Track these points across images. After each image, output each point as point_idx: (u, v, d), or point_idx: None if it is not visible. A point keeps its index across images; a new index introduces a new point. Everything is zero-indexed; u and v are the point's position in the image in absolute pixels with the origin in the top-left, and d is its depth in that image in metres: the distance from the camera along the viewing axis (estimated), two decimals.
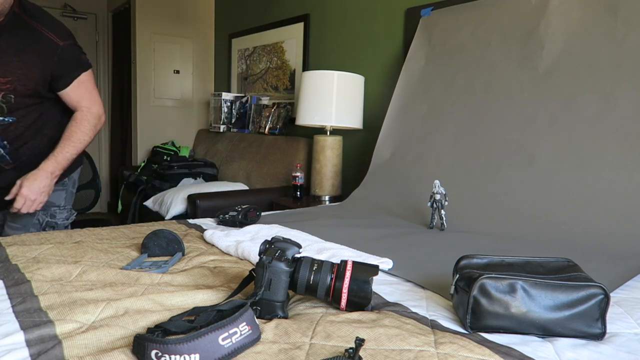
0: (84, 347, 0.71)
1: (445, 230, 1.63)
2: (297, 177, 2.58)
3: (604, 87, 1.62)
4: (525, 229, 1.57)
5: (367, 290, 0.87)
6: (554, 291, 0.81)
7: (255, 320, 0.75)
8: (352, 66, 2.77)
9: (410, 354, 0.72)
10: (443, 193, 1.64)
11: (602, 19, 1.69)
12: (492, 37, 1.99)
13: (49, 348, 0.70)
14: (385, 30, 2.59)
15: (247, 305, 0.76)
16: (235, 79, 3.95)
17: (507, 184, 1.73)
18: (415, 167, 2.05)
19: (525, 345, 0.78)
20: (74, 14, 4.58)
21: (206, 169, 3.44)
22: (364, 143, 2.70)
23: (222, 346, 0.68)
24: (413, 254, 1.32)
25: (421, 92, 2.19)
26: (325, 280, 0.86)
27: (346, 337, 0.77)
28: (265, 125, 3.35)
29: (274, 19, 3.46)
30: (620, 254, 1.30)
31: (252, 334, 0.73)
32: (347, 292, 0.86)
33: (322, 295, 0.87)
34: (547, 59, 1.79)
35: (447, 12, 2.21)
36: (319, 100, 2.45)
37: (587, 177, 1.56)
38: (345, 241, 1.37)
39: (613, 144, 1.55)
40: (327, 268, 0.87)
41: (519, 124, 1.79)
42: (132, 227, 1.53)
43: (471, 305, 0.83)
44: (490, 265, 0.91)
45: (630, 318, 0.92)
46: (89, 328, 0.77)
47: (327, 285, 0.86)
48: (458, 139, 1.96)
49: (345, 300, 0.86)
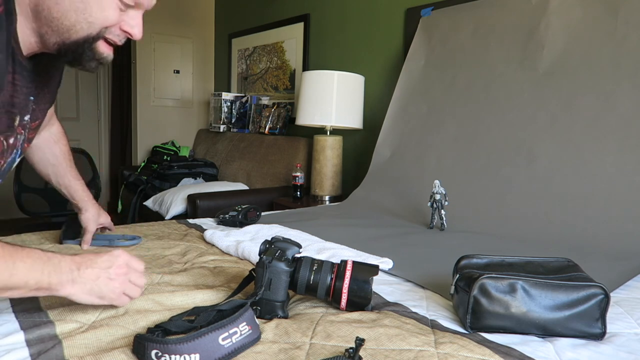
0: (84, 347, 0.71)
1: (445, 230, 1.63)
2: (297, 177, 2.58)
3: (604, 87, 1.62)
4: (525, 229, 1.57)
5: (367, 290, 0.87)
6: (554, 291, 0.82)
7: (256, 320, 0.75)
8: (352, 66, 2.77)
9: (410, 353, 0.72)
10: (443, 193, 1.64)
11: (602, 19, 1.69)
12: (492, 37, 1.99)
13: (49, 348, 0.70)
14: (385, 30, 2.59)
15: (247, 305, 0.76)
16: (235, 79, 3.95)
17: (507, 184, 1.73)
18: (415, 167, 2.05)
19: (526, 345, 0.78)
20: None
21: (206, 169, 3.44)
22: (364, 143, 2.70)
23: (222, 346, 0.68)
24: (413, 254, 1.32)
25: (421, 92, 2.19)
26: (326, 280, 0.86)
27: (346, 337, 0.77)
28: (265, 125, 3.35)
29: (274, 19, 3.46)
30: (620, 254, 1.30)
31: (252, 333, 0.73)
32: (347, 292, 0.86)
33: (322, 295, 0.87)
34: (547, 59, 1.79)
35: (447, 12, 2.21)
36: (319, 100, 2.44)
37: (587, 177, 1.56)
38: (345, 241, 1.37)
39: (613, 144, 1.55)
40: (327, 268, 0.87)
41: (519, 124, 1.79)
42: (132, 227, 1.53)
43: (471, 305, 0.83)
44: (490, 265, 0.91)
45: (630, 318, 0.92)
46: (89, 328, 0.77)
47: (327, 285, 0.86)
48: (458, 139, 1.96)
49: (345, 300, 0.86)
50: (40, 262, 0.71)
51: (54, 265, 0.72)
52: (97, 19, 0.76)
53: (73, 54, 0.78)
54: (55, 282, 0.72)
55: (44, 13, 0.74)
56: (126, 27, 0.80)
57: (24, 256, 0.69)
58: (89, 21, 0.75)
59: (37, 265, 0.70)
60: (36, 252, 0.72)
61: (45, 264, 0.71)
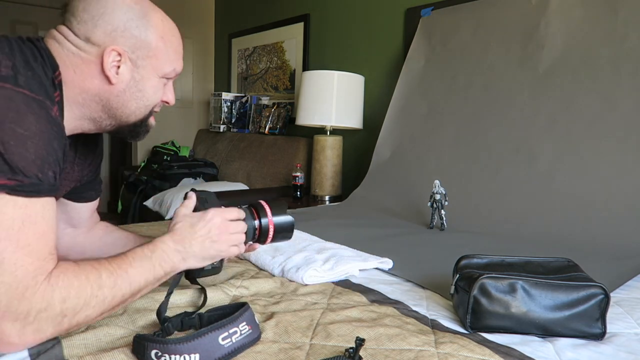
0: (83, 347, 0.71)
1: (445, 230, 1.63)
2: (297, 177, 2.58)
3: (604, 87, 1.62)
4: (525, 229, 1.57)
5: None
6: (554, 291, 0.81)
7: (256, 320, 0.75)
8: (352, 66, 2.76)
9: (410, 353, 0.72)
10: (443, 193, 1.64)
11: (602, 19, 1.69)
12: (492, 37, 1.99)
13: (48, 348, 0.70)
14: (385, 30, 2.59)
15: (247, 305, 0.76)
16: (235, 79, 3.95)
17: (507, 184, 1.73)
18: (415, 167, 2.05)
19: (526, 345, 0.78)
20: None
21: (206, 169, 3.44)
22: (364, 143, 2.70)
23: (222, 346, 0.68)
24: (413, 254, 1.32)
25: (421, 92, 2.19)
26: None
27: (346, 337, 0.77)
28: (265, 125, 3.35)
29: (274, 19, 3.46)
30: (620, 254, 1.30)
31: (252, 333, 0.73)
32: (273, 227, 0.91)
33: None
34: (547, 59, 1.79)
35: (447, 12, 2.21)
36: (319, 100, 2.44)
37: (587, 177, 1.56)
38: (345, 241, 1.37)
39: (613, 144, 1.55)
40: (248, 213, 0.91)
41: (519, 124, 1.79)
42: (132, 227, 1.53)
43: (471, 305, 0.83)
44: (490, 265, 0.91)
45: (630, 318, 0.92)
46: (89, 327, 0.77)
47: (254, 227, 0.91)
48: (458, 139, 1.96)
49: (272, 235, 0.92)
50: (147, 260, 0.75)
51: (159, 257, 0.77)
52: (152, 101, 0.84)
53: (130, 132, 0.86)
54: (168, 268, 0.78)
55: (102, 103, 0.78)
56: (165, 98, 0.87)
57: (131, 262, 0.73)
58: (146, 105, 0.83)
59: (146, 265, 0.74)
60: (139, 252, 0.75)
61: (152, 260, 0.76)
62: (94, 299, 0.66)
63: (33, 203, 0.62)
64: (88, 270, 0.66)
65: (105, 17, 0.75)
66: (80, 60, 0.75)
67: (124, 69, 0.77)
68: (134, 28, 0.77)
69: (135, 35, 0.77)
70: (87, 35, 0.75)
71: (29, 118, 0.63)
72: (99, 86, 0.77)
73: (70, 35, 0.75)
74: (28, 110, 0.63)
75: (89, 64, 0.75)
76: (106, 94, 0.78)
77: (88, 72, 0.75)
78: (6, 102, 0.62)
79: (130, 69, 0.78)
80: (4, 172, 0.59)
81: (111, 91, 0.78)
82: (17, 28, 4.36)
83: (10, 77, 0.64)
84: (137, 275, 0.72)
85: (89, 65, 0.75)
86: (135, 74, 0.79)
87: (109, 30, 0.75)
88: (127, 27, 0.76)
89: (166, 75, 0.84)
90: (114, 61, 0.76)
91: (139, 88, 0.80)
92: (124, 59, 0.77)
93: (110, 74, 0.76)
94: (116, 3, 0.76)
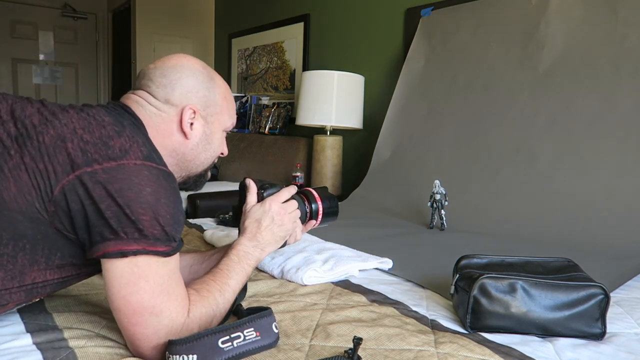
0: (97, 357, 0.71)
1: (445, 230, 1.63)
2: (297, 177, 2.58)
3: (604, 87, 1.62)
4: (525, 229, 1.57)
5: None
6: (554, 291, 0.81)
7: (274, 328, 0.74)
8: (352, 66, 2.76)
9: (410, 353, 0.72)
10: (443, 193, 1.64)
11: (602, 19, 1.69)
12: (492, 37, 1.99)
13: (62, 356, 0.70)
14: (385, 30, 2.59)
15: (261, 313, 0.74)
16: (235, 79, 3.95)
17: (507, 184, 1.72)
18: (415, 167, 2.05)
19: (526, 345, 0.78)
20: (74, 14, 4.57)
21: None
22: (364, 143, 2.70)
23: (221, 349, 0.67)
24: (413, 254, 1.32)
25: (421, 92, 2.19)
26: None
27: (346, 337, 0.77)
28: (265, 125, 3.35)
29: (274, 19, 3.46)
30: (620, 254, 1.30)
31: (261, 340, 0.72)
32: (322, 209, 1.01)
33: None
34: (547, 59, 1.79)
35: (447, 12, 2.20)
36: (319, 100, 2.44)
37: (587, 177, 1.56)
38: (345, 241, 1.36)
39: (613, 144, 1.54)
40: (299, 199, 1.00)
41: (519, 124, 1.79)
42: None
43: (471, 305, 0.83)
44: (490, 265, 0.91)
45: (630, 318, 0.92)
46: (96, 336, 0.77)
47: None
48: (458, 139, 1.96)
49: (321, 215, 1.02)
50: (237, 265, 0.86)
51: (244, 258, 0.88)
52: (217, 152, 0.94)
53: (194, 182, 0.95)
54: (253, 263, 0.89)
55: (178, 157, 0.87)
56: (222, 149, 0.97)
57: (227, 274, 0.83)
58: (212, 156, 0.93)
59: (238, 270, 0.85)
60: (229, 263, 0.86)
61: (240, 263, 0.87)
62: (216, 316, 0.78)
63: (174, 259, 0.73)
64: (206, 296, 0.77)
65: (181, 81, 0.85)
66: (160, 119, 0.84)
67: (197, 125, 0.87)
68: (205, 89, 0.87)
69: (205, 95, 0.87)
70: (167, 97, 0.84)
71: (171, 192, 0.72)
72: (177, 141, 0.86)
73: (150, 99, 0.84)
74: (168, 185, 0.72)
75: (169, 122, 0.84)
76: (182, 148, 0.87)
77: (168, 130, 0.84)
78: (158, 179, 0.71)
79: (202, 124, 0.87)
80: (162, 240, 0.69)
81: (187, 145, 0.87)
82: (17, 28, 4.36)
83: (151, 156, 0.73)
84: (236, 283, 0.84)
85: (169, 124, 0.84)
86: (206, 129, 0.89)
87: (184, 91, 0.85)
88: (199, 88, 0.86)
89: (227, 129, 0.94)
90: (189, 118, 0.85)
91: (208, 141, 0.90)
92: (197, 116, 0.86)
93: (187, 130, 0.85)
94: (190, 69, 0.86)
